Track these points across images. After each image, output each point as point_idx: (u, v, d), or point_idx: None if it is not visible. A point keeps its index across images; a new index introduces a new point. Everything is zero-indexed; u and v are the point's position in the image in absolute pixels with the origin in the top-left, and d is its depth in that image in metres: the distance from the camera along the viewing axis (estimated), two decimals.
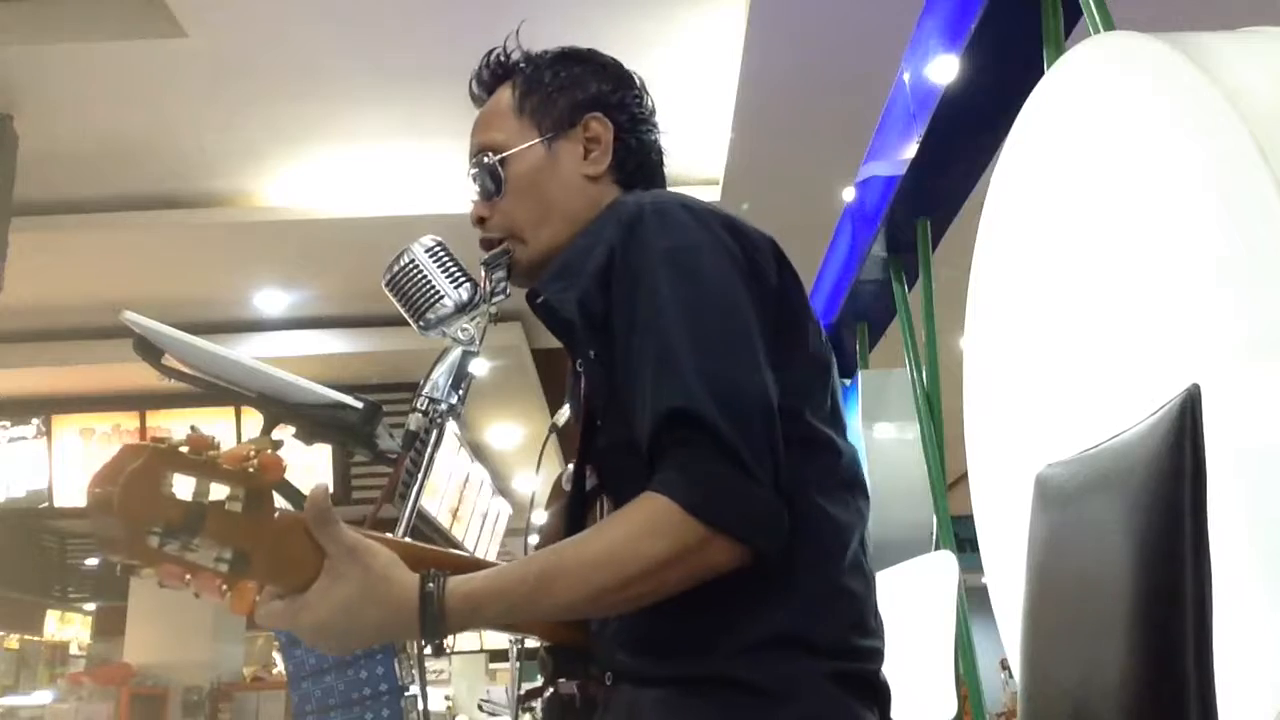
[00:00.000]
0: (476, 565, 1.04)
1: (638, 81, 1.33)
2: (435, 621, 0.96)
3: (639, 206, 1.12)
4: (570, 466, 1.25)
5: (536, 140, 1.26)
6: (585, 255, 1.14)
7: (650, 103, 1.33)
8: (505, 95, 1.30)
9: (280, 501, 0.93)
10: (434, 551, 1.04)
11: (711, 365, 1.02)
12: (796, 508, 1.02)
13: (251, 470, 0.89)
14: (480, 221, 1.29)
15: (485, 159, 1.27)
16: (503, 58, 1.32)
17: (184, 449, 0.87)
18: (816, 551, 1.06)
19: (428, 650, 1.02)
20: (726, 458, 0.98)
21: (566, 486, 1.26)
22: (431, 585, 0.96)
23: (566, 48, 1.33)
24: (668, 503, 0.97)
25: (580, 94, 1.28)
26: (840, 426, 1.16)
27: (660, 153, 1.33)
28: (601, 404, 1.12)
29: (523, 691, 1.55)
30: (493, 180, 1.26)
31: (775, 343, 1.08)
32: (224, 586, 0.88)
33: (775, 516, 1.00)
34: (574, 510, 1.21)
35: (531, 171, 1.26)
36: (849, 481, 1.13)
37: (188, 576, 0.86)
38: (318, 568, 0.95)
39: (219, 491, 0.88)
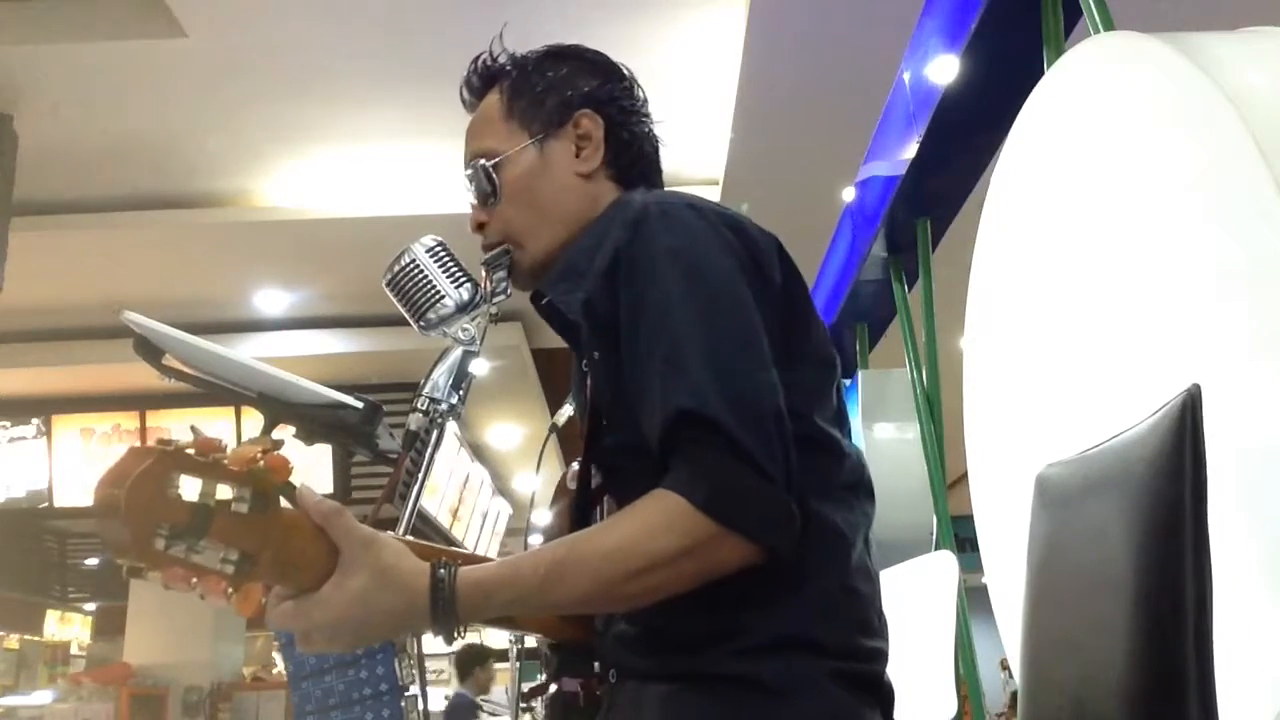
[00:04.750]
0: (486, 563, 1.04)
1: (627, 74, 1.31)
2: (447, 608, 0.95)
3: (644, 206, 1.11)
4: (574, 465, 1.24)
5: (527, 143, 1.25)
6: (589, 256, 1.13)
7: (641, 94, 1.31)
8: (493, 100, 1.29)
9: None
10: (443, 550, 1.04)
11: (721, 366, 1.01)
12: (801, 510, 1.02)
13: (258, 471, 0.89)
14: (480, 227, 1.28)
15: (479, 165, 1.26)
16: (489, 62, 1.30)
17: (190, 451, 0.86)
18: (821, 554, 1.06)
19: (440, 639, 1.01)
20: (739, 457, 0.97)
21: (571, 485, 1.26)
22: (443, 571, 0.96)
23: (551, 46, 1.31)
24: (680, 499, 0.97)
25: (568, 92, 1.26)
26: (845, 427, 1.16)
27: (655, 144, 1.31)
28: (607, 404, 1.12)
29: (524, 690, 1.55)
30: (488, 186, 1.25)
31: (781, 343, 1.07)
32: (229, 589, 0.87)
33: (788, 515, 0.99)
34: (580, 508, 1.21)
35: (525, 175, 1.25)
36: (854, 484, 1.13)
37: (194, 580, 0.86)
38: (326, 567, 0.94)
39: (225, 493, 0.87)
